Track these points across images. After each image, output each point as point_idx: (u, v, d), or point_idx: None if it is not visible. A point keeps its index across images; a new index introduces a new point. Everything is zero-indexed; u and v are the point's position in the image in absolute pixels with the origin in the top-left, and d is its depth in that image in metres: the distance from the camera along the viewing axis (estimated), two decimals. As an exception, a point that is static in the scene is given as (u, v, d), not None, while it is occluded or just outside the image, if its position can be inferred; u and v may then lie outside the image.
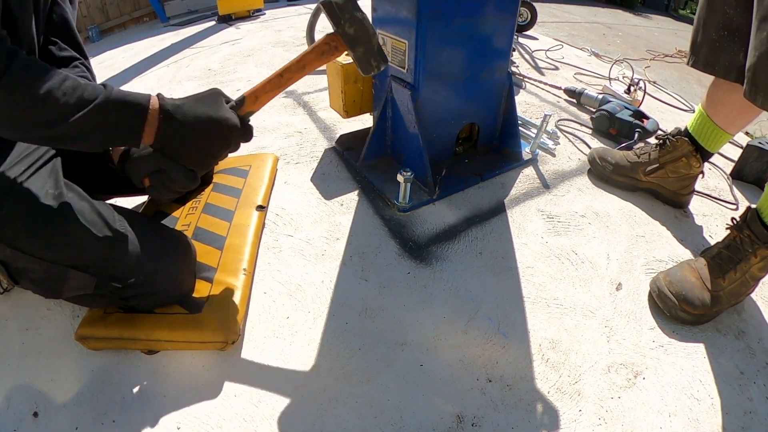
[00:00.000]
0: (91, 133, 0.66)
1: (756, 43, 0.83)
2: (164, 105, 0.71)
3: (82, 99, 0.64)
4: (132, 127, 0.69)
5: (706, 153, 1.19)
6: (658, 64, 3.30)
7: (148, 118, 0.69)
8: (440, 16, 1.07)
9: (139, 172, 0.76)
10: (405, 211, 1.22)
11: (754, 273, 0.93)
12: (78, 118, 0.63)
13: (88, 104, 0.64)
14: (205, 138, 0.75)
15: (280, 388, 0.80)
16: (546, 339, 0.90)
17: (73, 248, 0.74)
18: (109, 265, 0.77)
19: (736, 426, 0.77)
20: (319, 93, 1.99)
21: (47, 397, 0.78)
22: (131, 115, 0.69)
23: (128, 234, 0.80)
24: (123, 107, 0.68)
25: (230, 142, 0.78)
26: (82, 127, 0.65)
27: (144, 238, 0.82)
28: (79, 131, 0.65)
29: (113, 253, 0.77)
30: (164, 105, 0.71)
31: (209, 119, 0.74)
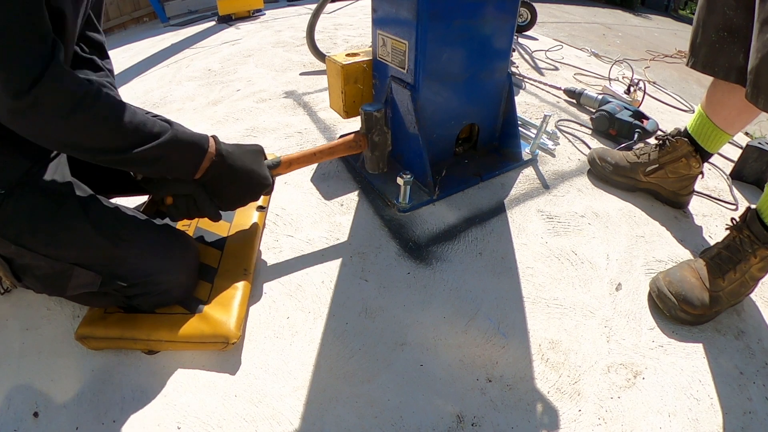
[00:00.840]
0: (154, 164, 0.74)
1: (758, 45, 0.83)
2: (220, 149, 0.82)
3: (151, 133, 0.72)
4: (191, 165, 0.79)
5: (705, 153, 1.19)
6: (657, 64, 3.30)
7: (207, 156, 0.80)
8: (440, 17, 1.07)
9: (168, 190, 0.85)
10: (405, 211, 1.22)
11: (754, 273, 0.94)
12: (146, 149, 0.71)
13: (156, 138, 0.72)
14: (243, 186, 0.88)
15: (280, 388, 0.80)
16: (546, 339, 0.90)
17: (77, 246, 0.74)
18: (113, 263, 0.77)
19: (735, 426, 0.77)
20: (319, 93, 1.99)
21: (48, 397, 0.78)
22: (193, 153, 0.79)
23: (133, 232, 0.80)
24: (187, 147, 0.77)
25: (260, 194, 0.93)
26: (147, 158, 0.72)
27: (149, 236, 0.82)
28: (143, 161, 0.72)
29: (118, 252, 0.77)
30: (220, 149, 0.82)
31: (252, 173, 0.88)
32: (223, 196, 0.87)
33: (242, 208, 1.11)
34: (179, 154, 0.77)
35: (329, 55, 1.36)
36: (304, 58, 2.47)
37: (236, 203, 0.90)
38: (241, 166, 0.86)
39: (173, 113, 1.84)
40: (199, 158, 0.79)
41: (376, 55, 1.29)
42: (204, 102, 1.95)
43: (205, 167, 0.81)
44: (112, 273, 0.78)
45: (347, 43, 2.78)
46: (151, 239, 0.82)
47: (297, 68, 2.32)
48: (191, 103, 1.94)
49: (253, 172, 0.88)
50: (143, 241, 0.81)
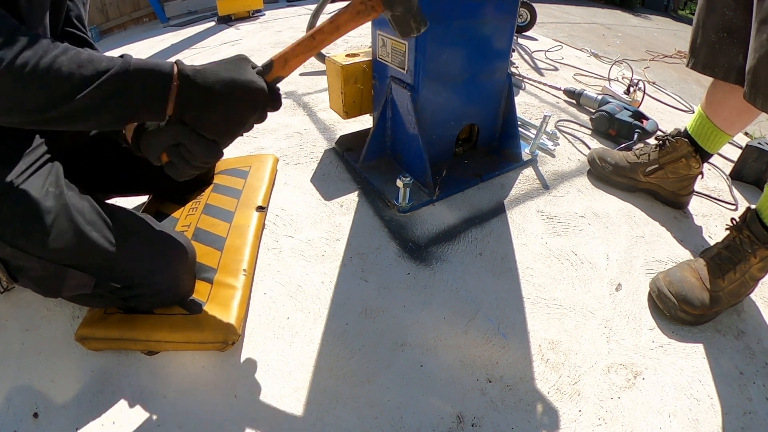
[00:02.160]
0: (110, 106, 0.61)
1: (756, 45, 0.83)
2: (183, 70, 0.65)
3: (98, 70, 0.59)
4: (157, 96, 0.63)
5: (705, 154, 1.19)
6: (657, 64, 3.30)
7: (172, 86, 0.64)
8: (440, 18, 1.07)
9: (156, 146, 0.69)
10: (405, 212, 1.22)
11: (754, 273, 0.94)
12: (94, 88, 0.58)
13: (104, 74, 0.59)
14: (228, 103, 0.67)
15: (280, 388, 0.80)
16: (546, 339, 0.90)
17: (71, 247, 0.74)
18: (108, 265, 0.77)
19: (735, 426, 0.77)
20: (319, 94, 1.99)
21: (47, 398, 0.78)
22: (155, 82, 0.63)
23: (128, 234, 0.80)
24: (146, 75, 0.62)
25: (256, 107, 0.71)
26: (100, 99, 0.59)
27: (144, 238, 0.82)
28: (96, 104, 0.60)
29: (112, 253, 0.77)
30: (183, 70, 0.65)
31: (233, 82, 0.67)
32: (208, 125, 0.67)
33: (242, 207, 1.11)
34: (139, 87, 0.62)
35: (329, 56, 1.36)
36: (304, 58, 2.46)
37: (230, 128, 0.70)
38: (216, 81, 0.66)
39: (173, 114, 1.83)
40: (163, 85, 0.63)
41: (376, 56, 1.29)
42: (204, 102, 1.94)
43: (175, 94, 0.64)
44: (106, 275, 0.77)
45: (347, 44, 2.78)
46: (146, 241, 0.82)
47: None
48: (191, 104, 1.93)
49: (235, 82, 0.67)
50: (138, 243, 0.80)
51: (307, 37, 0.77)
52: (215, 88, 0.66)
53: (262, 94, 0.70)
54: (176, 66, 0.65)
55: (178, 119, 0.66)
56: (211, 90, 0.65)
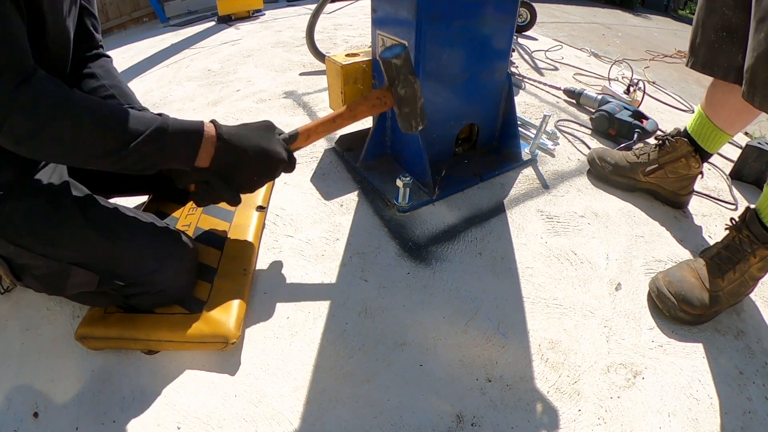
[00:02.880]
0: (149, 159, 0.71)
1: (754, 44, 0.84)
2: (221, 132, 0.78)
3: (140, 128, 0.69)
4: (187, 152, 0.75)
5: (705, 153, 1.19)
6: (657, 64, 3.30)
7: (203, 144, 0.75)
8: (440, 18, 1.07)
9: (189, 179, 0.82)
10: (405, 211, 1.22)
11: (753, 273, 0.94)
12: (137, 144, 0.68)
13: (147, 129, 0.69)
14: (255, 166, 0.82)
15: (280, 388, 0.80)
16: (545, 339, 0.91)
17: (75, 246, 0.74)
18: (111, 263, 0.77)
19: (735, 426, 0.77)
20: (318, 94, 1.99)
21: (47, 398, 0.78)
22: (187, 140, 0.74)
23: (131, 232, 0.80)
24: (181, 135, 0.74)
25: (277, 173, 0.85)
26: (142, 152, 0.70)
27: (147, 236, 0.82)
28: (137, 157, 0.70)
29: (115, 251, 0.77)
30: (221, 132, 0.78)
31: (262, 150, 0.81)
32: (237, 180, 0.82)
33: (242, 208, 1.11)
34: (173, 144, 0.73)
35: (329, 56, 1.36)
36: (304, 58, 2.47)
37: (253, 186, 0.85)
38: (249, 146, 0.80)
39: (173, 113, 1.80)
40: (195, 144, 0.75)
41: (376, 56, 1.29)
42: (204, 102, 1.95)
43: (211, 153, 0.77)
44: (110, 273, 0.77)
45: (347, 44, 2.78)
46: (149, 239, 0.82)
47: (297, 68, 2.32)
48: (191, 104, 1.94)
49: (264, 151, 0.81)
50: (141, 241, 0.81)
51: (329, 120, 0.92)
52: (247, 153, 0.79)
53: (283, 163, 0.84)
54: (213, 126, 0.78)
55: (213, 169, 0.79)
56: (244, 153, 0.79)
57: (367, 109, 0.95)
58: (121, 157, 0.68)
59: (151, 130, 0.70)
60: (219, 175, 0.80)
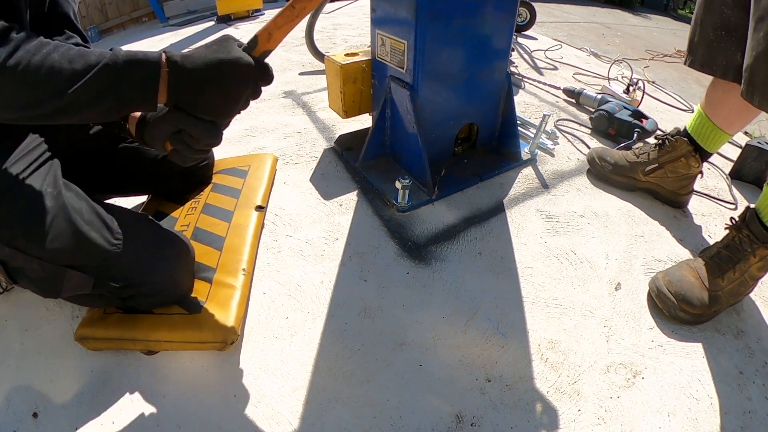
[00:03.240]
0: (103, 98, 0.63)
1: (753, 43, 0.84)
2: (171, 57, 0.67)
3: (88, 64, 0.61)
4: (146, 86, 0.66)
5: (705, 153, 1.19)
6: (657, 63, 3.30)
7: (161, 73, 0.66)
8: (439, 17, 1.07)
9: (159, 136, 0.73)
10: (404, 211, 1.22)
11: (753, 273, 0.94)
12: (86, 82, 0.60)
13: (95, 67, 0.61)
14: (219, 83, 0.69)
15: (279, 388, 0.80)
16: (545, 339, 0.90)
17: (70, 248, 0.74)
18: (107, 264, 0.77)
19: (735, 425, 0.77)
20: (318, 93, 1.99)
21: (47, 398, 0.78)
22: (144, 72, 0.65)
23: (127, 234, 0.79)
24: (134, 65, 0.64)
25: (247, 82, 0.73)
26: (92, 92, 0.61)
27: (142, 238, 0.82)
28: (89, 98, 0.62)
29: (111, 253, 0.76)
30: (171, 57, 0.67)
31: (219, 62, 0.69)
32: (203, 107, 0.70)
33: (241, 207, 1.11)
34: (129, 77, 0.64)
35: (328, 55, 1.36)
36: (303, 57, 2.47)
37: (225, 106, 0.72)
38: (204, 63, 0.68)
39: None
40: (154, 75, 0.65)
41: (375, 55, 1.29)
42: (203, 102, 1.94)
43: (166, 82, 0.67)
44: (105, 275, 0.77)
45: (346, 43, 2.78)
46: (145, 240, 0.82)
47: (296, 68, 2.32)
48: (190, 104, 1.93)
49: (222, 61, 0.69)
50: (137, 243, 0.80)
51: (288, 7, 0.79)
52: (204, 70, 0.68)
53: (249, 68, 0.72)
54: (164, 54, 0.67)
55: (175, 106, 0.69)
56: (200, 72, 0.67)
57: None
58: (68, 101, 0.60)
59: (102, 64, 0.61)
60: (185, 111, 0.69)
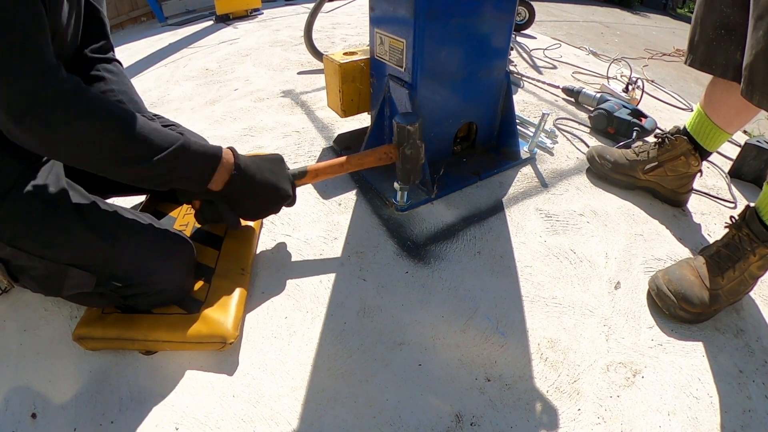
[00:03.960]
0: (167, 174, 0.73)
1: (752, 42, 0.83)
2: (239, 161, 0.82)
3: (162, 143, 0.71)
4: (202, 175, 0.78)
5: (704, 152, 1.19)
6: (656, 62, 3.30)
7: (219, 169, 0.79)
8: (438, 16, 1.07)
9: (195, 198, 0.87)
10: (403, 210, 1.22)
11: (753, 272, 0.93)
12: (159, 158, 0.70)
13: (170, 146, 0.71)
14: (263, 199, 0.89)
15: (278, 388, 0.80)
16: (545, 338, 0.90)
17: (72, 247, 0.74)
18: (108, 263, 0.77)
19: (735, 424, 0.77)
20: (316, 92, 1.99)
21: (45, 398, 0.77)
22: (205, 164, 0.77)
23: (128, 233, 0.80)
24: (199, 157, 0.76)
25: (280, 207, 0.93)
26: (159, 167, 0.71)
27: (144, 237, 0.82)
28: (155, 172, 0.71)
29: (113, 252, 0.77)
30: (239, 161, 0.82)
31: (272, 186, 0.88)
32: (243, 208, 0.88)
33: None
34: (191, 165, 0.75)
35: (327, 54, 1.35)
36: (302, 57, 2.46)
37: (257, 215, 0.92)
38: (261, 180, 0.86)
39: (171, 113, 1.83)
40: (211, 168, 0.78)
41: (374, 54, 1.28)
42: (202, 101, 1.94)
43: (225, 180, 0.81)
44: (107, 273, 0.77)
45: (345, 42, 2.78)
46: (147, 240, 0.82)
47: (295, 67, 2.32)
48: (189, 103, 1.93)
49: (274, 187, 0.88)
50: (138, 242, 0.80)
51: (338, 164, 1.02)
52: (260, 187, 0.86)
53: (288, 199, 0.93)
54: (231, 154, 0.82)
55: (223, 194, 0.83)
56: (257, 186, 0.86)
57: (374, 161, 1.06)
58: (140, 169, 0.69)
59: (175, 147, 0.71)
60: (227, 200, 0.85)
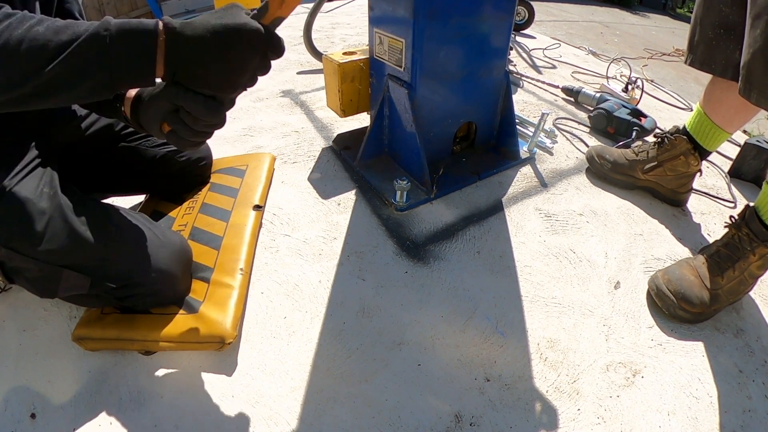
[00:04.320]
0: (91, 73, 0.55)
1: (750, 41, 0.83)
2: (169, 24, 0.59)
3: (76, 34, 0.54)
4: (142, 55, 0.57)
5: (704, 151, 1.19)
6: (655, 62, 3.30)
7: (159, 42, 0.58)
8: (437, 15, 1.07)
9: (154, 116, 0.65)
10: (402, 210, 1.22)
11: (753, 271, 0.93)
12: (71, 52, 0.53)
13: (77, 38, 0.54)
14: (222, 51, 0.59)
15: (277, 388, 0.80)
16: (544, 338, 0.90)
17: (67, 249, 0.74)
18: (103, 265, 0.76)
19: (735, 424, 0.77)
20: (316, 92, 1.98)
21: (45, 399, 0.77)
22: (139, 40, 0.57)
23: (123, 234, 0.79)
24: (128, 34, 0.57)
25: (254, 51, 0.61)
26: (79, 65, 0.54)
27: (140, 238, 0.82)
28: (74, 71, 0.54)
29: (108, 254, 0.76)
30: (169, 24, 0.59)
31: (224, 27, 0.58)
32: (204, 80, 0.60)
33: (239, 206, 1.11)
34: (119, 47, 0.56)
35: (326, 54, 1.35)
36: (302, 57, 2.46)
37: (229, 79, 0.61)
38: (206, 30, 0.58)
39: (170, 113, 1.83)
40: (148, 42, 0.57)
41: (373, 54, 1.28)
42: (201, 101, 1.94)
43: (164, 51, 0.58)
44: (102, 275, 0.77)
45: (344, 42, 2.78)
46: (142, 241, 0.81)
47: (294, 67, 2.32)
48: (188, 103, 1.93)
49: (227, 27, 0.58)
50: (133, 243, 0.80)
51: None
52: (205, 37, 0.58)
53: (257, 35, 0.60)
54: (161, 21, 0.59)
55: (173, 80, 0.61)
56: (201, 39, 0.58)
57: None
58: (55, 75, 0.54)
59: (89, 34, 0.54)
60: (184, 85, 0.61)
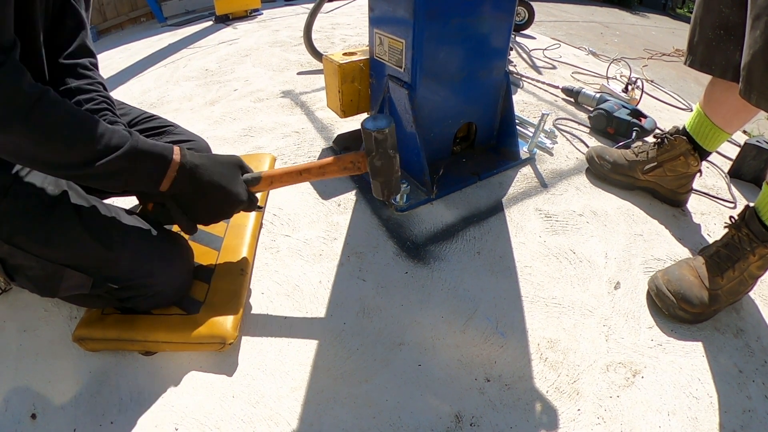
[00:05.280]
0: (114, 178, 0.70)
1: (750, 42, 0.83)
2: (184, 162, 0.76)
3: (109, 146, 0.67)
4: (153, 177, 0.74)
5: (704, 152, 1.19)
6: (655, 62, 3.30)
7: (168, 172, 0.74)
8: (437, 16, 1.07)
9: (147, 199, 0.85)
10: (402, 210, 1.22)
11: (753, 272, 0.93)
12: (104, 163, 0.67)
13: (115, 150, 0.68)
14: (212, 203, 0.81)
15: (278, 388, 0.80)
16: (544, 338, 0.90)
17: (70, 247, 0.74)
18: (105, 265, 0.77)
19: (734, 424, 0.77)
20: (316, 93, 1.99)
21: (45, 399, 0.77)
22: (155, 165, 0.73)
23: (125, 235, 0.79)
24: (148, 157, 0.72)
25: (233, 212, 0.84)
26: (107, 171, 0.68)
27: (141, 238, 0.82)
28: (103, 175, 0.68)
29: (110, 254, 0.76)
30: (184, 162, 0.76)
31: (222, 190, 0.80)
32: (194, 210, 0.81)
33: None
34: (141, 166, 0.71)
35: (326, 55, 1.36)
36: (302, 57, 2.46)
37: (209, 219, 0.83)
38: (209, 182, 0.78)
39: (170, 113, 1.83)
40: (161, 169, 0.73)
41: (373, 54, 1.28)
42: (201, 102, 1.94)
43: (171, 178, 0.75)
44: (103, 275, 0.77)
45: (344, 43, 2.78)
46: (144, 242, 0.82)
47: (294, 68, 2.32)
48: (188, 103, 1.93)
49: (224, 191, 0.80)
50: (135, 244, 0.80)
51: (296, 172, 0.88)
52: (205, 189, 0.78)
53: (241, 204, 0.83)
54: (179, 155, 0.76)
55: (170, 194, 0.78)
56: (202, 188, 0.78)
57: (337, 171, 0.90)
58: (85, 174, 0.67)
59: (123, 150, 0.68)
60: (176, 202, 0.80)
